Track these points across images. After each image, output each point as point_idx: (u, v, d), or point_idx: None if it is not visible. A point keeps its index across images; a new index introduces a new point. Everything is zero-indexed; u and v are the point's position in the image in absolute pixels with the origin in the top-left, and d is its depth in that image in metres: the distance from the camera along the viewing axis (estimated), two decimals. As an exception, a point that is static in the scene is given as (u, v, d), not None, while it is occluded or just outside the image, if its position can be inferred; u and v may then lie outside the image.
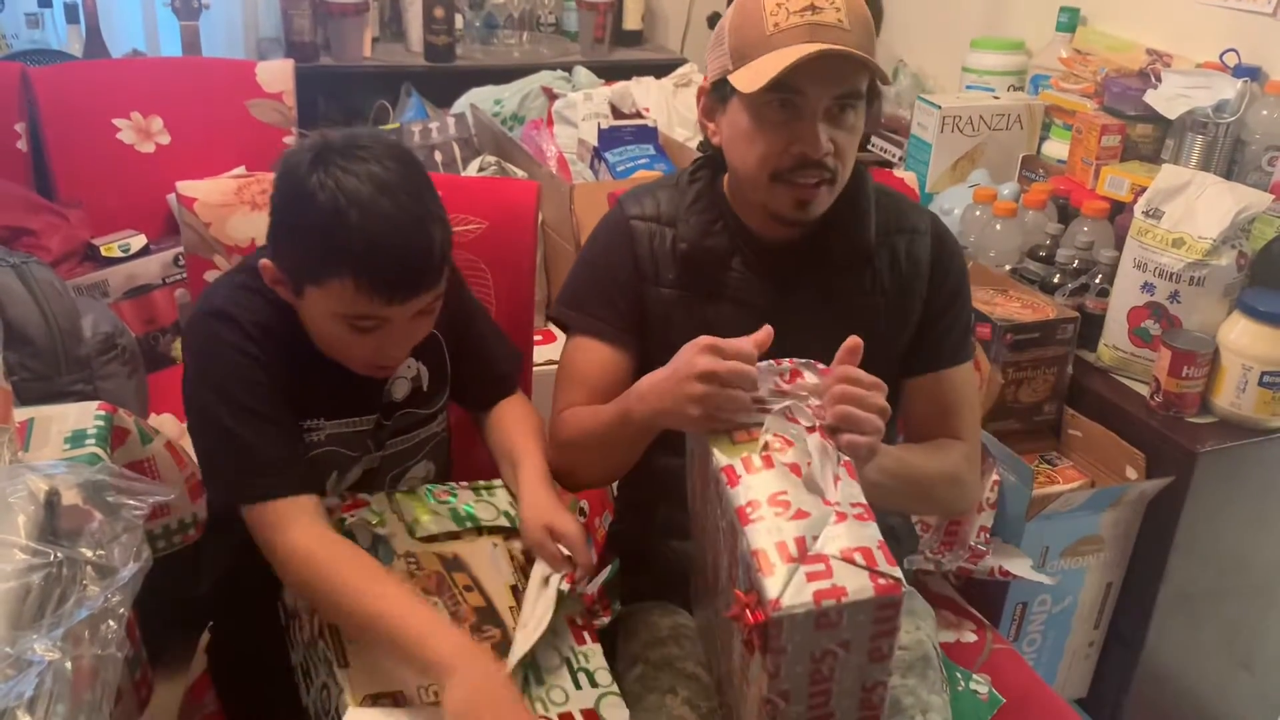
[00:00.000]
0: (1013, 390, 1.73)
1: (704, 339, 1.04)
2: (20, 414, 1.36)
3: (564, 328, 1.34)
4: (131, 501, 1.02)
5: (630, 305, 1.27)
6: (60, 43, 2.49)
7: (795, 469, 0.97)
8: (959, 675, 1.37)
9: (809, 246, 1.24)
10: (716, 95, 1.19)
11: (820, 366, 1.06)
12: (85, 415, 1.39)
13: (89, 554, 0.99)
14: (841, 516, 0.94)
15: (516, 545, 1.19)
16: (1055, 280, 1.86)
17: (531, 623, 1.09)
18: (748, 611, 0.92)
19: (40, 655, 0.82)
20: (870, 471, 1.04)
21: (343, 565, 1.06)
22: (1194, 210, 1.68)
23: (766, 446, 0.99)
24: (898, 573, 0.90)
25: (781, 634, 0.90)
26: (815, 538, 0.92)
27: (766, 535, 0.92)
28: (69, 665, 0.84)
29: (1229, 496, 1.69)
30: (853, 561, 0.91)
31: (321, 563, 1.06)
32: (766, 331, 1.03)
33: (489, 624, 1.09)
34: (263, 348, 1.13)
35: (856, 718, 0.96)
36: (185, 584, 1.29)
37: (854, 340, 1.03)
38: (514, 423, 1.30)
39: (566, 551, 1.13)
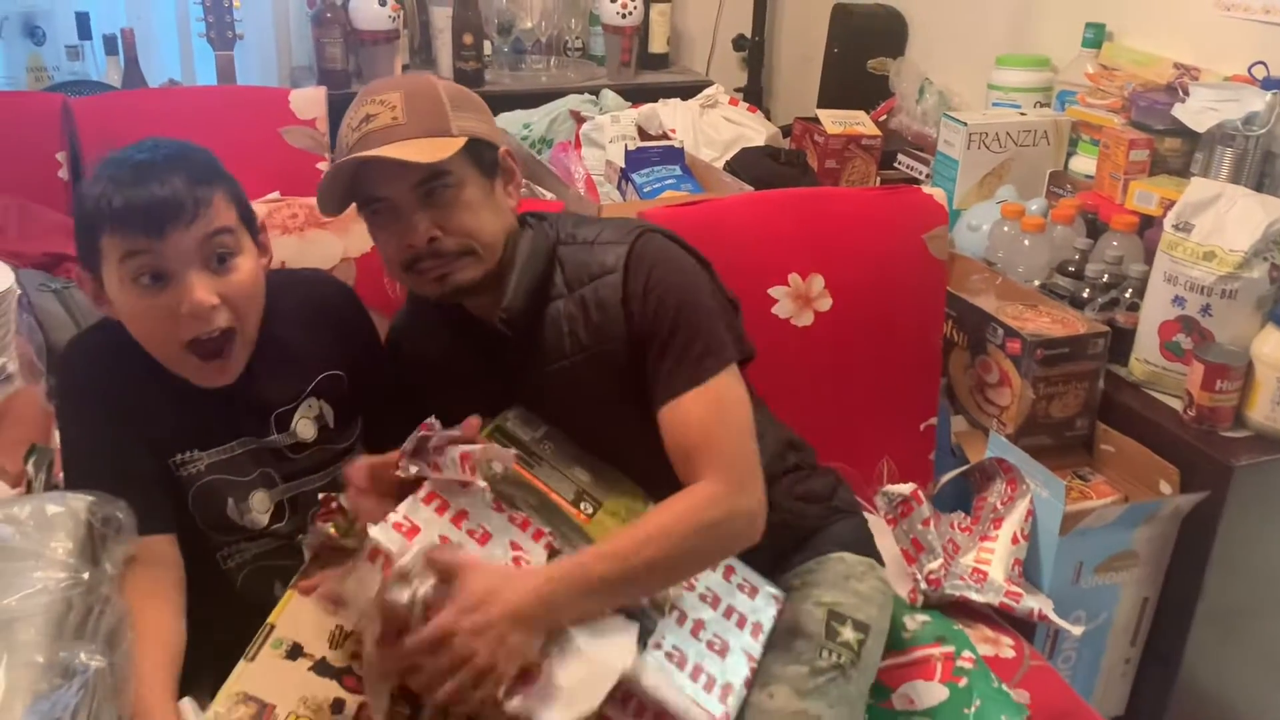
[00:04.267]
0: (1044, 406, 1.73)
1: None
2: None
3: None
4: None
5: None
6: (99, 74, 2.54)
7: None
8: (993, 677, 1.36)
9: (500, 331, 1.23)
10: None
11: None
12: (124, 435, 1.41)
13: (115, 573, 1.02)
14: None
15: None
16: (1085, 295, 1.85)
17: None
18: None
19: (84, 664, 0.85)
20: (558, 602, 1.03)
21: (139, 637, 1.07)
22: (1224, 223, 1.67)
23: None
24: (373, 529, 1.00)
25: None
26: None
27: None
28: (110, 673, 0.86)
29: (1266, 511, 1.67)
30: None
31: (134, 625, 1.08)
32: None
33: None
34: (108, 387, 1.18)
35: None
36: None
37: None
38: None
39: None
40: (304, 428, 1.26)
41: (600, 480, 1.20)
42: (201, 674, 1.12)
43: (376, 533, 1.00)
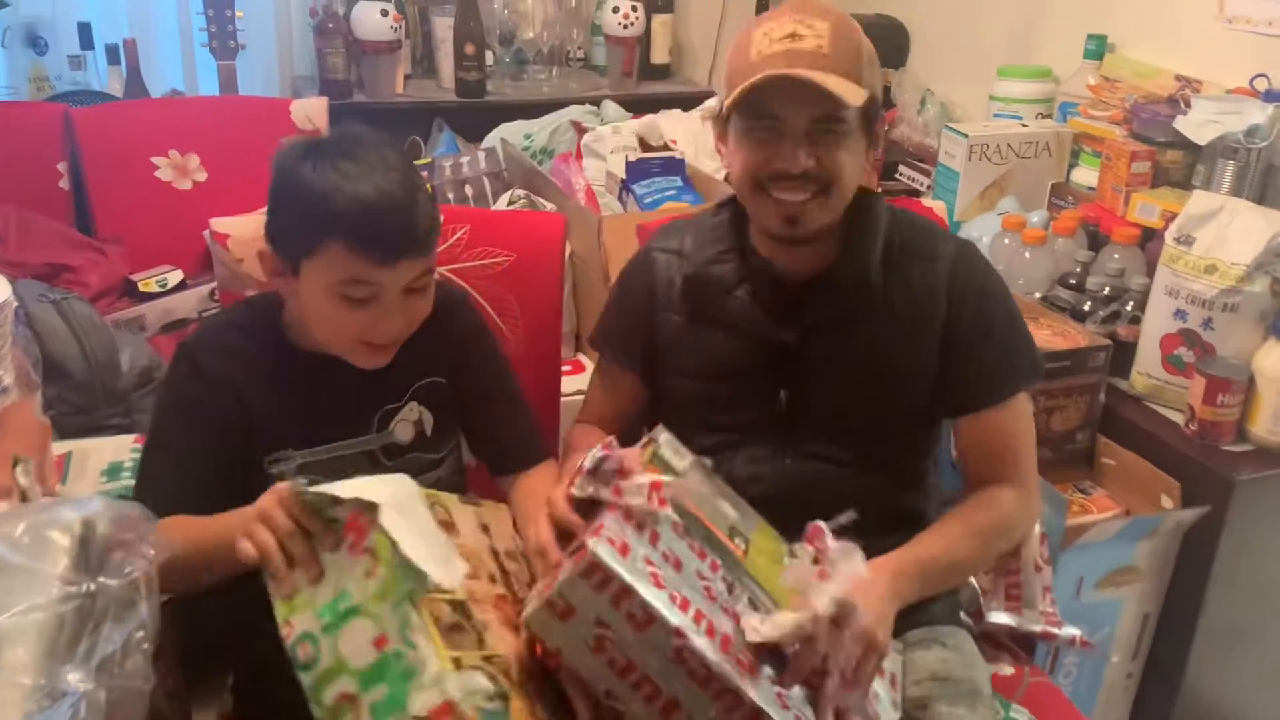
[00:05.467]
0: (1044, 419, 1.72)
1: (550, 496, 1.08)
2: (59, 447, 1.39)
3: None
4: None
5: (639, 332, 1.34)
6: (101, 84, 2.55)
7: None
8: (999, 705, 1.35)
9: (818, 278, 1.25)
10: (722, 123, 1.24)
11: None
12: (122, 448, 1.42)
13: (117, 587, 1.01)
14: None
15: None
16: (1086, 308, 1.84)
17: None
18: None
19: (74, 686, 0.84)
20: (910, 591, 1.15)
21: (168, 526, 1.09)
22: (1226, 236, 1.66)
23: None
24: (590, 542, 0.96)
25: (540, 637, 0.99)
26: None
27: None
28: (102, 696, 0.85)
29: (1268, 526, 1.66)
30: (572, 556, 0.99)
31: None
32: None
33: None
34: (215, 385, 1.20)
35: (686, 683, 0.99)
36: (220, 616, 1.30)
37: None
38: (531, 494, 1.29)
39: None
40: (402, 429, 1.28)
41: (744, 517, 1.18)
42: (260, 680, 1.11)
43: (596, 547, 0.97)
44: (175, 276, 2.12)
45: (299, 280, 1.17)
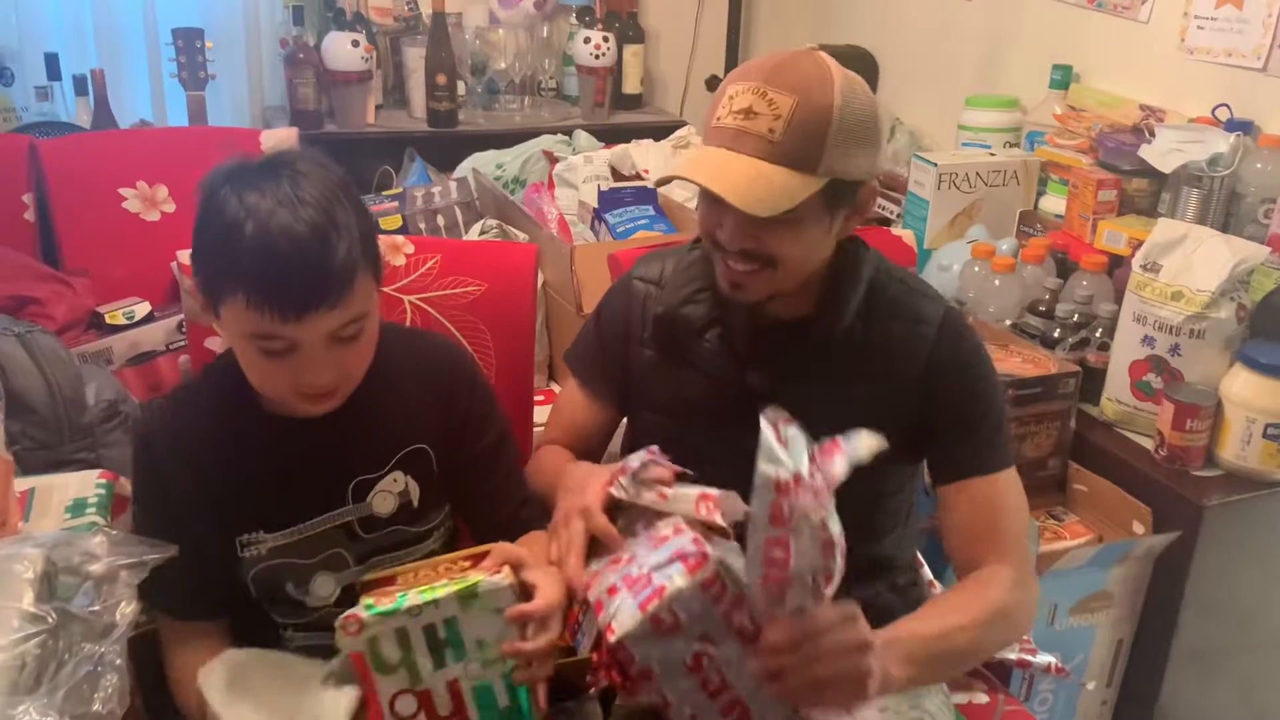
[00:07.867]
0: (1016, 446, 1.73)
1: (586, 504, 1.09)
2: (21, 484, 1.36)
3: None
4: (127, 561, 1.03)
5: (615, 361, 1.32)
6: (69, 115, 2.52)
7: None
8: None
9: (792, 325, 1.22)
10: None
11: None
12: (86, 484, 1.39)
13: (84, 617, 1.00)
14: (661, 539, 0.99)
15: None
16: (1056, 335, 1.86)
17: None
18: (602, 671, 0.94)
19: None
20: (897, 670, 1.01)
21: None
22: (1192, 263, 1.68)
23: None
24: (711, 549, 0.94)
25: (632, 655, 0.92)
26: (640, 568, 0.96)
27: (594, 594, 0.97)
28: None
29: (1238, 550, 1.68)
30: (668, 564, 0.94)
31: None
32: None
33: None
34: (181, 467, 1.15)
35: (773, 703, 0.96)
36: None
37: None
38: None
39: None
40: (381, 502, 1.18)
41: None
42: None
43: (716, 552, 0.94)
44: (143, 308, 2.09)
45: (221, 322, 1.07)
